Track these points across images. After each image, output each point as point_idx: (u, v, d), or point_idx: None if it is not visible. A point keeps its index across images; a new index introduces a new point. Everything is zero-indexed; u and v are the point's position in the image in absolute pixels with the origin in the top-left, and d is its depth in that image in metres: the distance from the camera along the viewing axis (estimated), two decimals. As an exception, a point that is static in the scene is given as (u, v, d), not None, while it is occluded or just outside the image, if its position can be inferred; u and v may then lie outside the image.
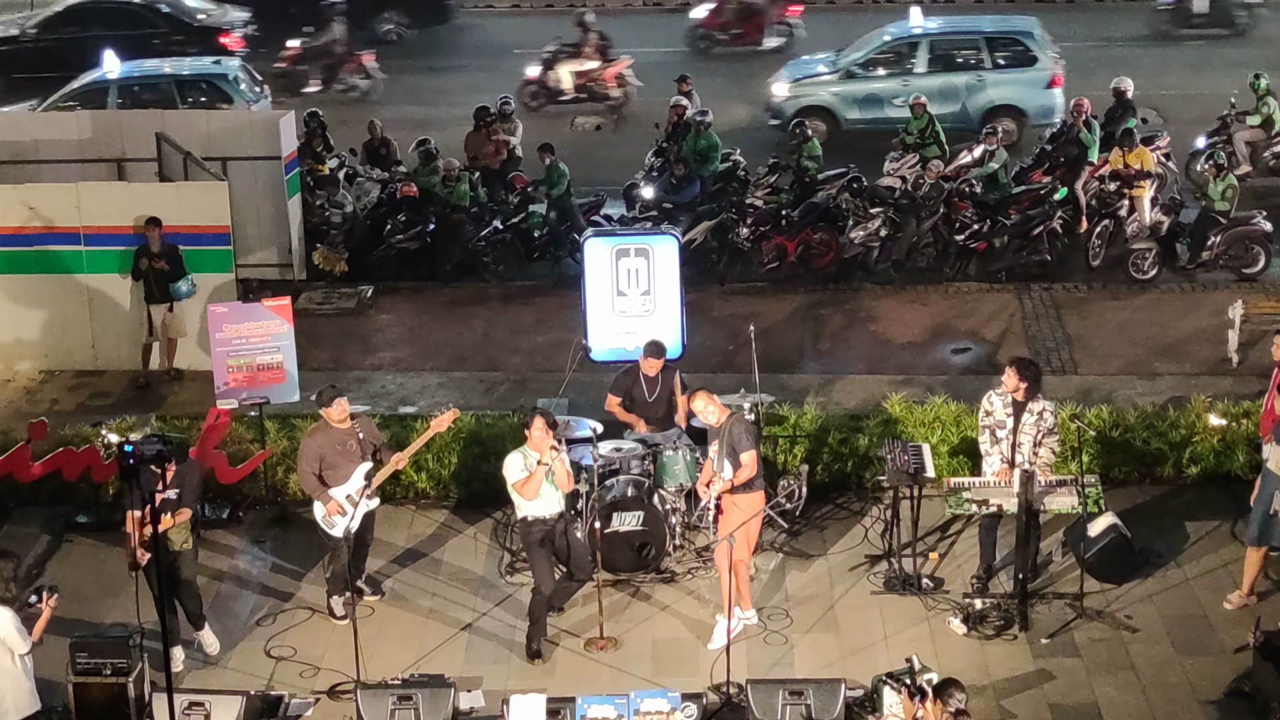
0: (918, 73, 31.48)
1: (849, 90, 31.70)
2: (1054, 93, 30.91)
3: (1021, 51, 31.66)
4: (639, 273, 20.32)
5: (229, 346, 18.96)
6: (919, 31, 32.48)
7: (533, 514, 16.03)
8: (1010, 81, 31.27)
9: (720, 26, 37.89)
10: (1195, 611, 16.60)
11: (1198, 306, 23.62)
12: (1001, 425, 16.52)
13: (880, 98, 31.07)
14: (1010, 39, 31.97)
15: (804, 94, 31.73)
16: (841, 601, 16.96)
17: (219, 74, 31.27)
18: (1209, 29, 38.24)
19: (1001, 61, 31.62)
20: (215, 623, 16.60)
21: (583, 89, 32.72)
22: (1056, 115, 29.85)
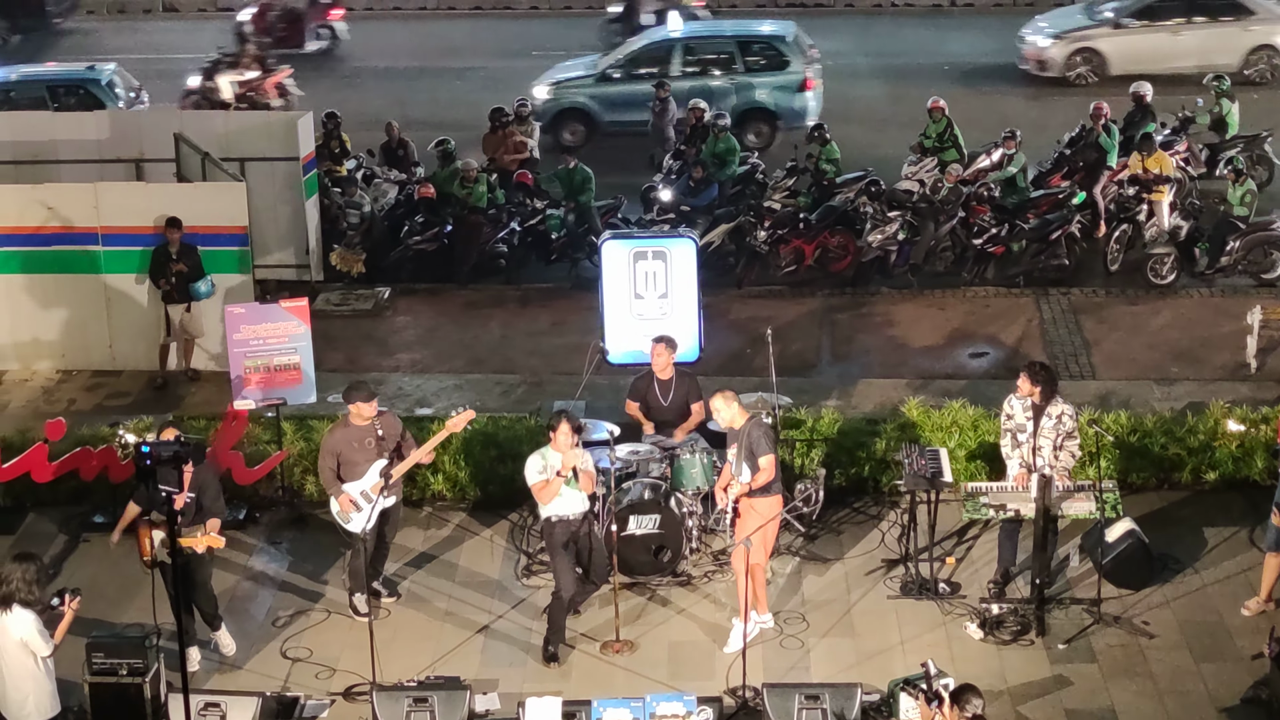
0: (673, 76, 32.14)
1: (605, 93, 32.35)
2: (806, 95, 31.79)
3: (774, 56, 32.47)
4: (656, 275, 20.34)
5: (246, 347, 18.97)
6: (675, 36, 33.25)
7: (557, 514, 16.02)
8: (763, 85, 32.04)
9: (264, 30, 38.10)
10: (1213, 618, 16.56)
11: (1216, 312, 23.57)
12: (1022, 429, 16.50)
13: (636, 100, 31.33)
14: (763, 43, 32.78)
15: (563, 96, 32.42)
16: (858, 606, 16.93)
17: (91, 79, 31.72)
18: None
19: (754, 65, 32.39)
20: (231, 623, 16.61)
21: (243, 98, 32.52)
22: (809, 119, 30.72)
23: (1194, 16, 35.19)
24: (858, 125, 31.62)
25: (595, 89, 32.47)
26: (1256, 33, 35.06)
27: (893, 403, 20.35)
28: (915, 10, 42.85)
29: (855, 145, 28.97)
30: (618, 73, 32.71)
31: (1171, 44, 34.93)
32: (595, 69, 33.08)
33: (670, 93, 29.58)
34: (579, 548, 16.19)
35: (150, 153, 24.80)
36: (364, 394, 16.63)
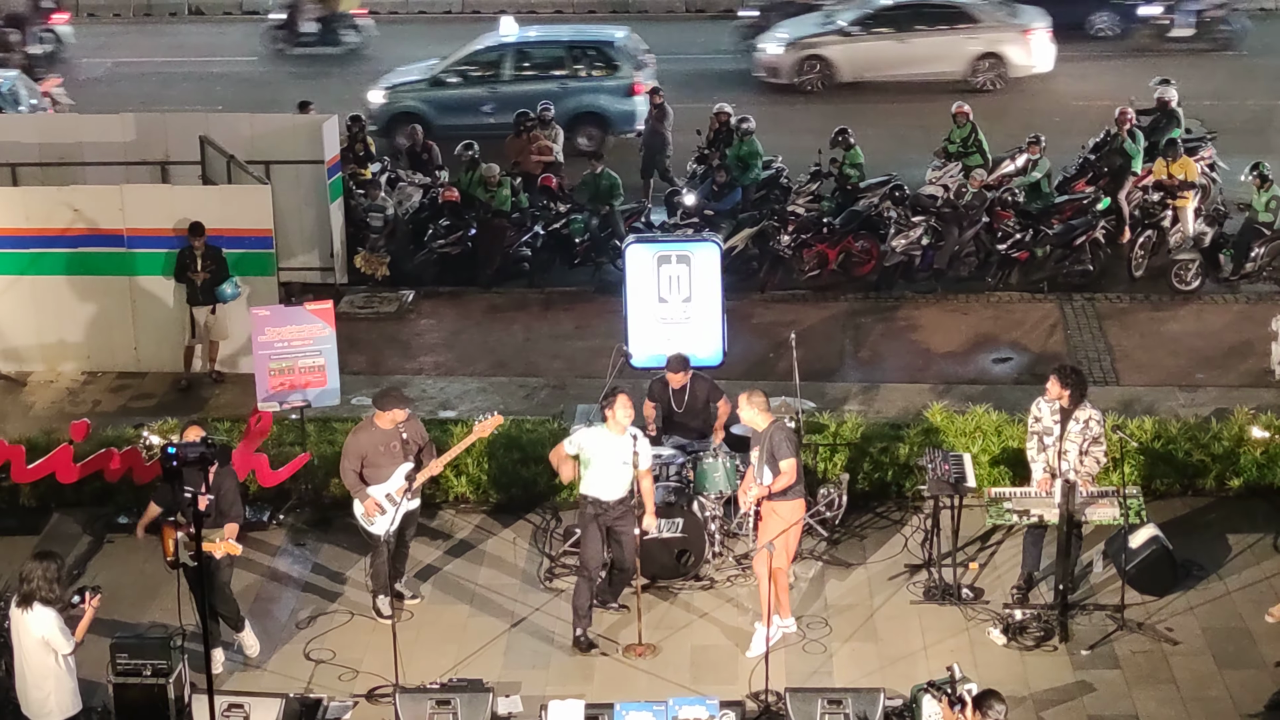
0: (505, 80, 32.81)
1: (438, 96, 32.66)
2: (635, 100, 32.13)
3: (604, 60, 32.95)
4: (680, 279, 20.34)
5: (271, 349, 19.01)
6: (507, 41, 33.76)
7: (589, 493, 16.13)
8: (592, 89, 32.56)
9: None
10: (1237, 624, 16.52)
11: (1241, 318, 23.53)
12: (1049, 432, 16.48)
13: (469, 104, 31.63)
14: (593, 48, 33.35)
15: (397, 100, 32.74)
16: (881, 611, 16.92)
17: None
18: (319, 47, 40.05)
19: (584, 70, 32.97)
20: (254, 624, 16.63)
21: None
22: (637, 123, 31.11)
23: (920, 25, 35.86)
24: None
25: (428, 93, 32.88)
26: (981, 41, 35.70)
27: (916, 408, 20.34)
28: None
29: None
30: (450, 77, 33.19)
31: (898, 52, 35.58)
32: (428, 73, 33.49)
33: (665, 98, 29.58)
34: (613, 534, 16.20)
35: (176, 155, 24.89)
36: (400, 402, 16.66)
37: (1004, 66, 35.61)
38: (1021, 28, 35.90)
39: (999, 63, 35.61)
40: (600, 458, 16.08)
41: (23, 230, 22.15)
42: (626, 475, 16.07)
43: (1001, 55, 35.64)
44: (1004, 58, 35.67)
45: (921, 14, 36.17)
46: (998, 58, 35.61)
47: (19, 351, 22.63)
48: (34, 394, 22.16)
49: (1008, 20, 36.15)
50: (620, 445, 16.04)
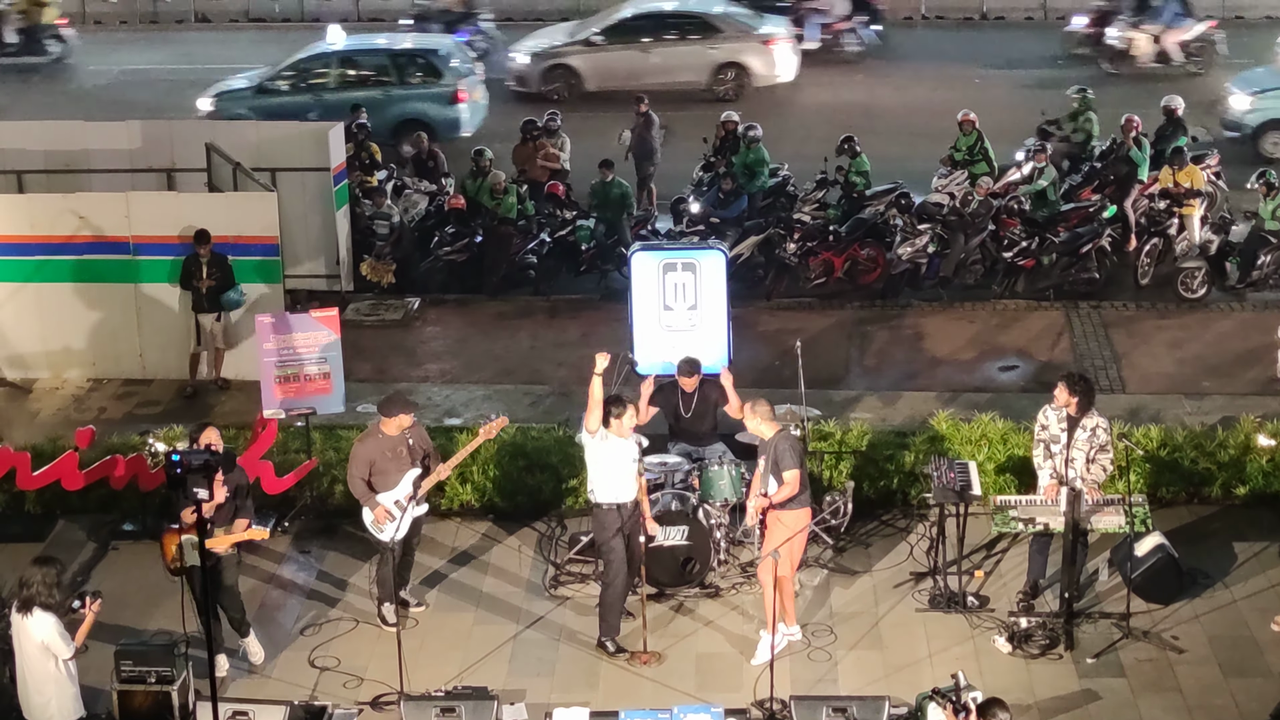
0: (330, 88, 33.10)
1: (264, 104, 32.64)
2: (459, 107, 32.60)
3: (428, 68, 33.31)
4: (686, 287, 20.31)
5: (276, 357, 19.02)
6: (334, 49, 34.03)
7: (611, 499, 16.11)
8: (416, 97, 32.84)
9: None
10: (1242, 633, 16.50)
11: (1247, 326, 23.51)
12: (1056, 440, 16.46)
13: (294, 111, 31.48)
14: (418, 56, 33.71)
15: (224, 108, 32.79)
16: (886, 619, 16.91)
17: None
18: (22, 57, 40.15)
19: (408, 78, 33.30)
20: (259, 632, 16.65)
21: None
22: (462, 130, 31.99)
23: (664, 35, 36.28)
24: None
25: (255, 101, 32.93)
26: (723, 50, 36.07)
27: (922, 415, 20.33)
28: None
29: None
30: (277, 85, 33.36)
31: (642, 61, 35.89)
32: (256, 81, 33.67)
33: (649, 106, 29.61)
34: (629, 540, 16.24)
35: (182, 162, 24.87)
36: (405, 407, 16.67)
37: (746, 76, 36.05)
38: (764, 38, 36.33)
39: (741, 72, 36.04)
40: (613, 460, 16.10)
41: (28, 237, 22.15)
42: (635, 474, 16.13)
43: (744, 65, 36.09)
44: (746, 67, 36.11)
45: (665, 24, 36.63)
46: (740, 67, 36.07)
47: (25, 358, 22.64)
48: (40, 401, 22.18)
49: (750, 31, 36.55)
50: (627, 446, 16.16)
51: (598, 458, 16.18)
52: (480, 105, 33.39)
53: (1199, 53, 36.58)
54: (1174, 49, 36.52)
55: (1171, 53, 36.59)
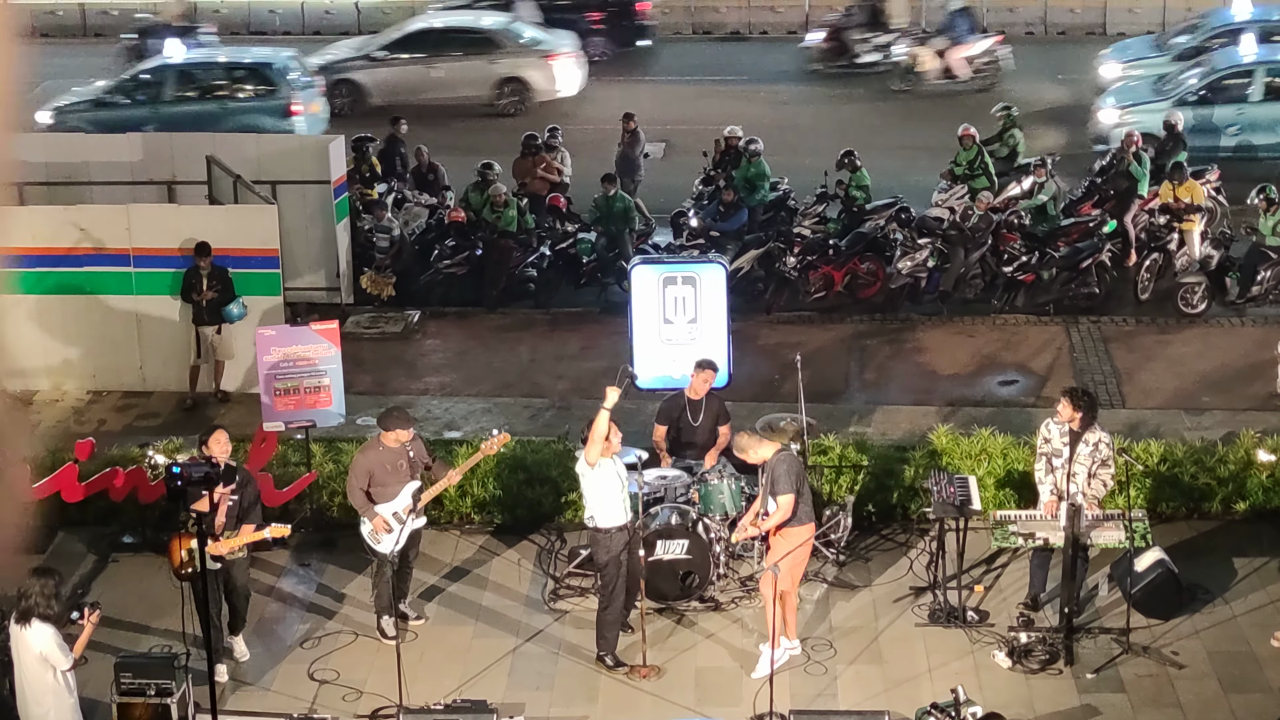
0: (166, 100, 33.36)
1: (102, 117, 32.72)
2: (292, 120, 32.85)
3: (262, 81, 33.61)
4: (686, 300, 20.35)
5: (276, 369, 19.02)
6: (170, 62, 34.36)
7: (612, 523, 16.09)
8: (250, 110, 33.12)
9: None
10: (1242, 648, 16.49)
11: (1247, 341, 23.51)
12: (1058, 454, 16.46)
13: (131, 125, 31.32)
14: (251, 69, 34.06)
15: (63, 121, 32.92)
16: (886, 633, 16.90)
17: None
18: None
19: (243, 91, 33.67)
20: (259, 644, 16.67)
21: None
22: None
23: (446, 50, 36.56)
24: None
25: (92, 114, 33.03)
26: (503, 66, 36.46)
27: (922, 430, 20.33)
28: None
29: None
30: (116, 98, 33.48)
31: (424, 77, 36.25)
32: (94, 95, 33.81)
33: (638, 124, 29.66)
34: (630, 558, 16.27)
35: (182, 175, 24.89)
36: (403, 422, 16.67)
37: (527, 91, 36.36)
38: (544, 53, 36.73)
39: (522, 87, 36.36)
40: (610, 483, 16.09)
41: (29, 249, 22.14)
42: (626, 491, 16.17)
43: (524, 80, 36.42)
44: (526, 82, 36.42)
45: (447, 40, 36.92)
46: (521, 82, 36.39)
47: (25, 370, 22.62)
48: (40, 413, 22.16)
49: (530, 46, 36.95)
50: (618, 465, 16.20)
51: (596, 485, 16.14)
52: (318, 118, 33.56)
53: (986, 68, 36.97)
54: (960, 65, 36.84)
55: (957, 69, 36.93)
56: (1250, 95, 30.78)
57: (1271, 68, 31.06)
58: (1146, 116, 30.24)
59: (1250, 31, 33.08)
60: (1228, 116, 30.48)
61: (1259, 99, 30.70)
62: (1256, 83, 30.87)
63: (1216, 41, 33.64)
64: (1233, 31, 33.71)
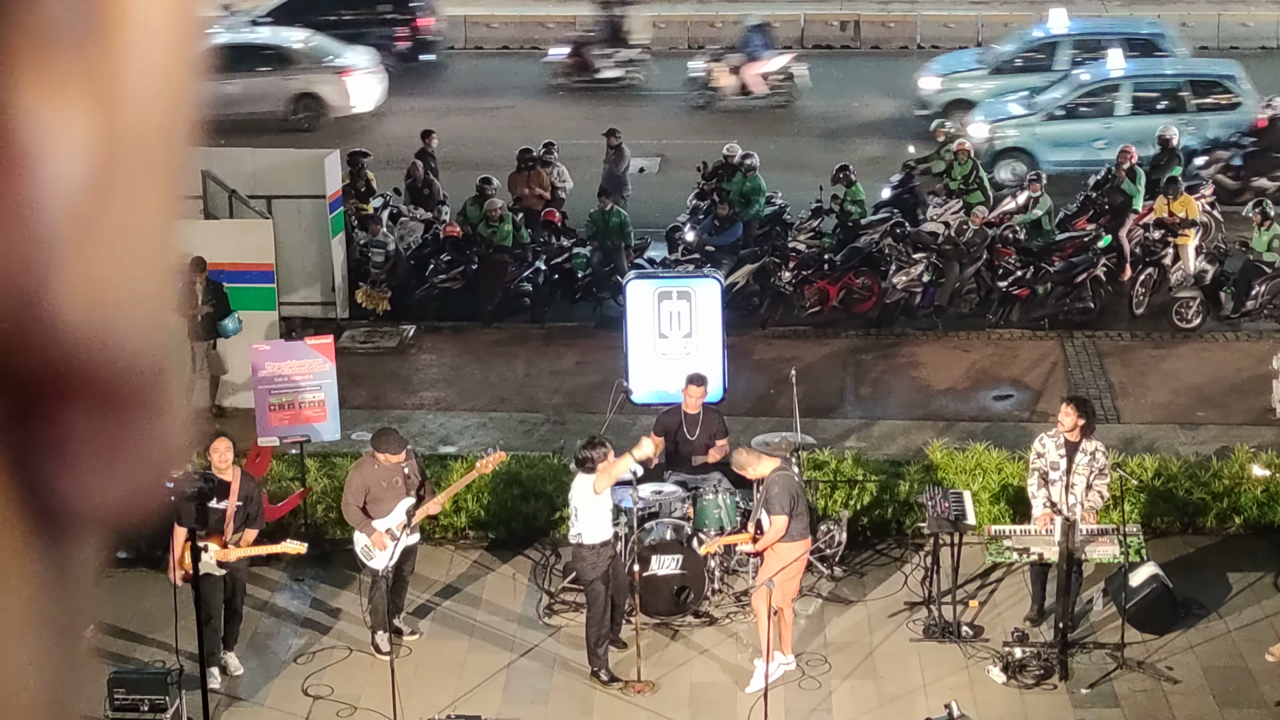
0: None
1: None
2: None
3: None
4: (681, 315, 20.36)
5: (271, 384, 19.02)
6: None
7: (598, 539, 16.06)
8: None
9: None
10: (1237, 663, 16.49)
11: (1242, 356, 23.52)
12: (1055, 466, 16.44)
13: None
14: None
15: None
16: (881, 648, 16.89)
17: None
18: None
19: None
20: (253, 660, 16.65)
21: None
22: None
23: (242, 66, 36.41)
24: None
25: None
26: (299, 81, 36.86)
27: (917, 445, 20.33)
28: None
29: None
30: None
31: (221, 92, 35.99)
32: None
33: (623, 140, 29.72)
34: (613, 574, 16.25)
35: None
36: (395, 446, 16.64)
37: (321, 106, 36.68)
38: (338, 70, 37.08)
39: (316, 102, 36.70)
40: (604, 502, 16.08)
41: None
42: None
43: (318, 95, 36.77)
44: (321, 98, 36.75)
45: (243, 56, 36.93)
46: (315, 98, 36.74)
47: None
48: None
49: (325, 63, 37.25)
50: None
51: (593, 504, 16.11)
52: None
53: (782, 85, 37.33)
54: (755, 81, 37.17)
55: (752, 85, 37.25)
56: (1117, 109, 31.34)
57: (1138, 82, 31.72)
58: (1014, 130, 31.20)
59: (1095, 45, 34.26)
60: (1094, 131, 30.96)
61: (1125, 113, 31.23)
62: (1123, 97, 31.45)
63: (1038, 55, 34.93)
64: (1050, 45, 34.94)
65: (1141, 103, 31.40)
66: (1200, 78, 32.03)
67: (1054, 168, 29.32)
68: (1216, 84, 31.60)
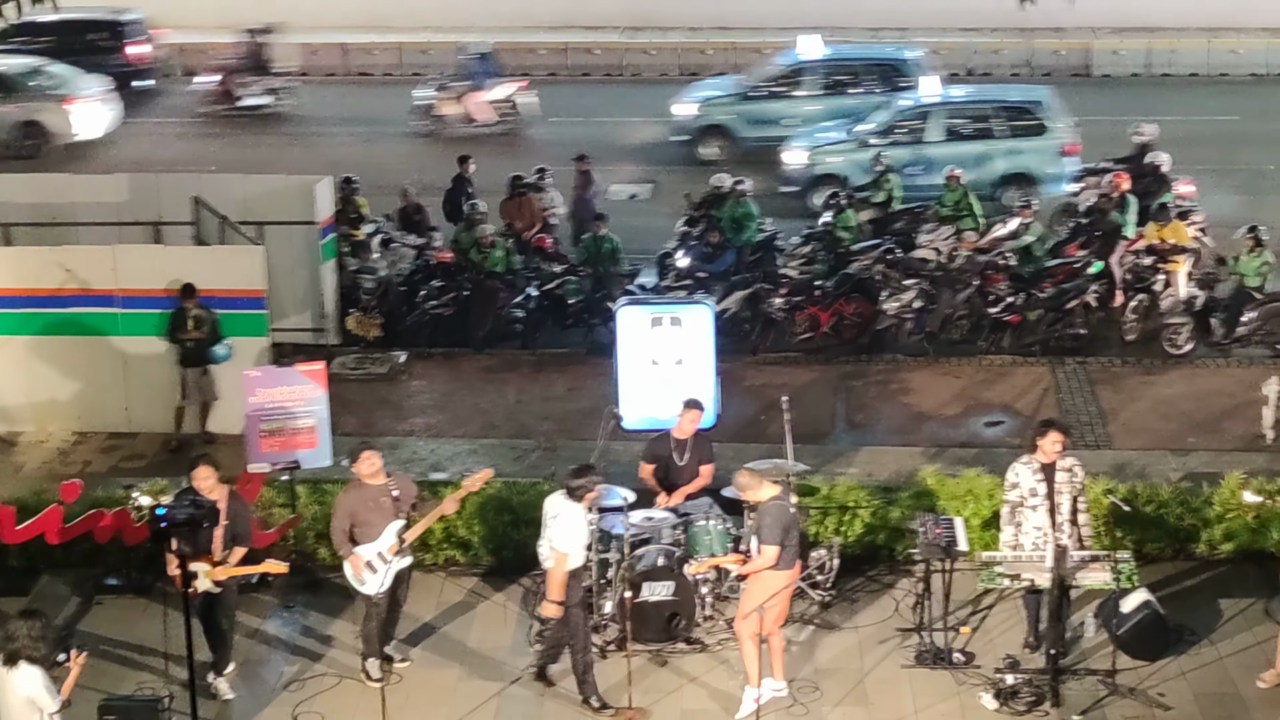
0: None
1: None
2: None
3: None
4: (672, 341, 20.34)
5: (262, 410, 19.00)
6: None
7: (577, 564, 16.06)
8: None
9: None
10: (1228, 690, 16.47)
11: (1232, 382, 23.56)
12: (1034, 492, 16.42)
13: None
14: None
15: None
16: (872, 674, 16.86)
17: None
18: None
19: None
20: (243, 687, 16.60)
21: None
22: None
23: None
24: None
25: None
26: (21, 109, 37.66)
27: (908, 470, 20.32)
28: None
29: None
30: None
31: None
32: None
33: (591, 165, 29.80)
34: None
35: (169, 215, 24.89)
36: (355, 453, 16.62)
37: (44, 134, 37.11)
38: (62, 98, 37.47)
39: (38, 130, 37.10)
40: (583, 528, 16.08)
41: (15, 290, 22.17)
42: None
43: (40, 124, 37.18)
44: (43, 126, 37.17)
45: None
46: (38, 126, 37.12)
47: (10, 411, 22.61)
48: (24, 454, 22.13)
49: (48, 91, 37.68)
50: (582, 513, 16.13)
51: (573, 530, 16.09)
52: None
53: (509, 112, 38.04)
54: (480, 109, 37.82)
55: (477, 113, 37.86)
56: (929, 135, 32.13)
57: (950, 109, 32.69)
58: (832, 158, 31.89)
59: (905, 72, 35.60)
60: (904, 157, 31.52)
61: (938, 139, 32.07)
62: (935, 123, 32.32)
63: (788, 81, 36.23)
64: (799, 71, 36.26)
65: (953, 129, 32.37)
66: (1010, 104, 32.90)
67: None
68: (1025, 110, 32.40)
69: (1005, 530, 16.60)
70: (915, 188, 30.22)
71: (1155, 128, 30.00)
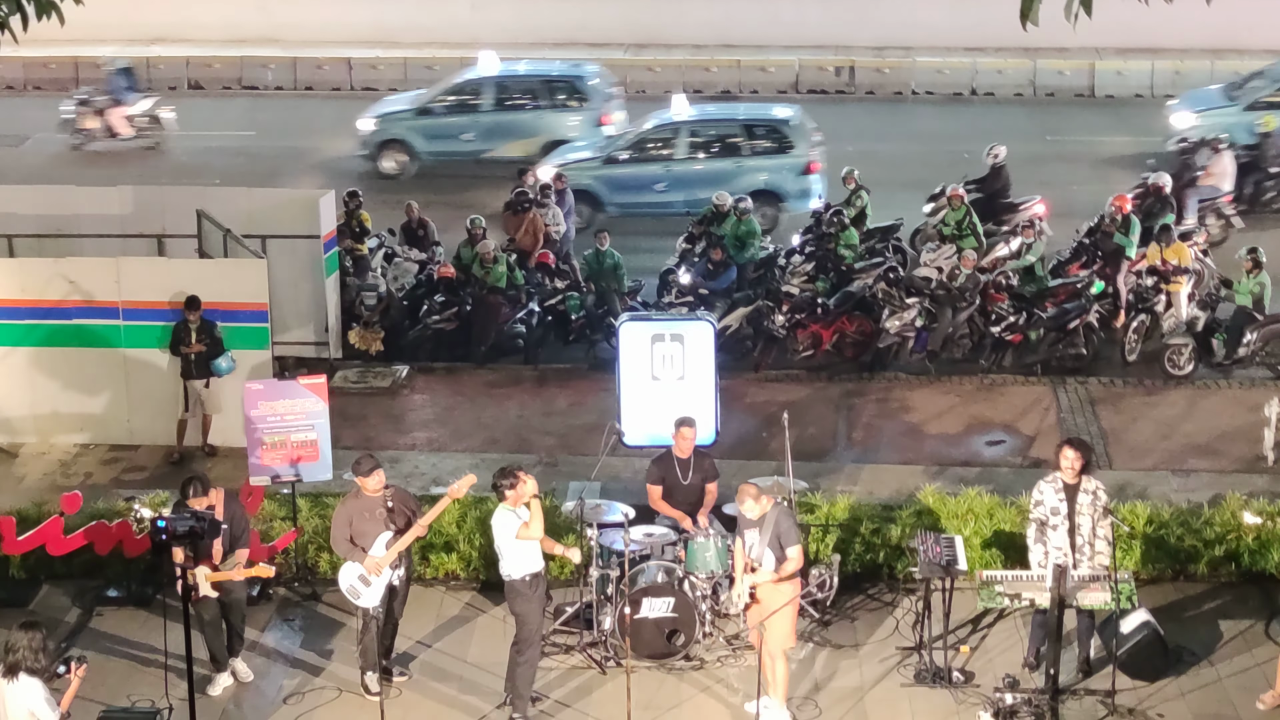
0: None
1: None
2: None
3: None
4: (674, 357, 20.35)
5: (264, 423, 19.01)
6: None
7: (533, 570, 16.07)
8: None
9: None
10: (1228, 711, 16.46)
11: (1233, 403, 23.56)
12: (1056, 511, 16.39)
13: None
14: None
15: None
16: (871, 693, 16.86)
17: None
18: None
19: None
20: (244, 699, 16.61)
21: None
22: None
23: None
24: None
25: None
26: None
27: (909, 489, 20.33)
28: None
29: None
30: None
31: None
32: None
33: (567, 183, 29.85)
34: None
35: (172, 228, 24.90)
36: (365, 467, 16.65)
37: None
38: None
39: None
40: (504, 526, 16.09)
41: (18, 301, 22.18)
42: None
43: None
44: None
45: None
46: None
47: (12, 423, 22.62)
48: (26, 465, 22.14)
49: None
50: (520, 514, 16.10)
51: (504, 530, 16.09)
52: None
53: (149, 127, 38.19)
54: (121, 124, 37.98)
55: (118, 128, 38.02)
56: (675, 152, 32.72)
57: (694, 127, 33.14)
58: (577, 173, 31.95)
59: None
60: (655, 173, 32.21)
61: (683, 156, 32.68)
62: (681, 141, 32.86)
63: (464, 96, 36.43)
64: (476, 86, 36.57)
65: (698, 146, 32.89)
66: (755, 122, 33.45)
67: (618, 210, 31.73)
68: (773, 128, 32.90)
69: (1034, 550, 16.54)
70: (662, 205, 31.27)
71: (1004, 149, 30.14)
